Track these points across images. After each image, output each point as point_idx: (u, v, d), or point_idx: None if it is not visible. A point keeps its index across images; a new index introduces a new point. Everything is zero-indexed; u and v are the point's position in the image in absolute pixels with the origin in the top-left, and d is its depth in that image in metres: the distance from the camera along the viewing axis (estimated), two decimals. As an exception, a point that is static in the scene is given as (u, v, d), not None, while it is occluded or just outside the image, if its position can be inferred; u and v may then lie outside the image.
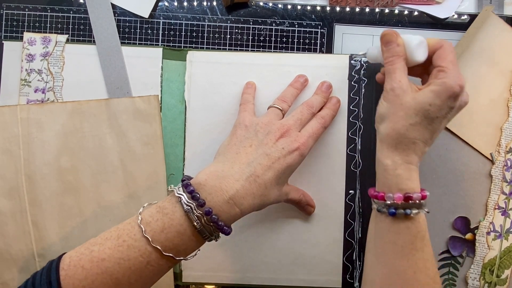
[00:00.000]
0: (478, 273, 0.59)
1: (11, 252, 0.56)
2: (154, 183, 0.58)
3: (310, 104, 0.55)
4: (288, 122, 0.52)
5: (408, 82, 0.48)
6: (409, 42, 0.49)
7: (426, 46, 0.49)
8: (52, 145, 0.57)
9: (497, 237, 0.59)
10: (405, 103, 0.47)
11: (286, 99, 0.56)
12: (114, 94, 0.59)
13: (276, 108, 0.54)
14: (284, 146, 0.49)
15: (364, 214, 0.59)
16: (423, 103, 0.46)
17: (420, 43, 0.49)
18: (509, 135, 0.59)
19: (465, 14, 0.62)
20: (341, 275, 0.59)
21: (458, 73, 0.47)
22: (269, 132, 0.50)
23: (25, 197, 0.57)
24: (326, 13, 0.62)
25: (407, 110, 0.46)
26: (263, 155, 0.48)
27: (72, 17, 0.60)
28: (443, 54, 0.48)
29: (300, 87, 0.58)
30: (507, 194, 0.59)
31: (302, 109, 0.54)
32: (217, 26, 0.61)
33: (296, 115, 0.53)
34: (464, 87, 0.46)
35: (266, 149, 0.49)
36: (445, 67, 0.47)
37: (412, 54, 0.49)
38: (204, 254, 0.58)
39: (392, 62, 0.49)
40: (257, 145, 0.50)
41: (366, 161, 0.59)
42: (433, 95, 0.46)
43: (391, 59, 0.49)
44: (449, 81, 0.46)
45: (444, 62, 0.47)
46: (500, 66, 0.59)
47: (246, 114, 0.54)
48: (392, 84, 0.48)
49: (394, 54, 0.49)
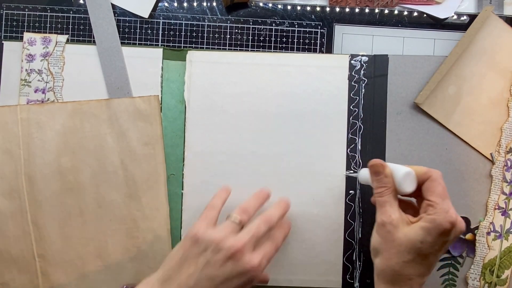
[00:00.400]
0: (478, 273, 0.59)
1: (11, 252, 0.56)
2: (154, 183, 0.58)
3: (268, 219, 0.50)
4: (243, 240, 0.47)
5: (399, 216, 0.47)
6: (396, 173, 0.48)
7: (413, 176, 0.48)
8: (52, 145, 0.57)
9: (497, 237, 0.59)
10: (397, 239, 0.46)
11: (247, 211, 0.51)
12: (114, 94, 0.59)
13: (233, 222, 0.49)
14: (233, 268, 0.45)
15: (364, 214, 0.59)
16: (415, 241, 0.45)
17: (407, 175, 0.48)
18: (509, 135, 0.59)
19: (464, 14, 0.62)
20: (341, 276, 0.59)
21: (448, 208, 0.46)
22: (219, 250, 0.46)
23: (25, 197, 0.57)
24: (326, 13, 0.62)
25: (399, 247, 0.45)
26: (205, 279, 0.45)
27: (72, 17, 0.60)
28: (431, 187, 0.47)
29: (263, 201, 0.55)
30: (507, 194, 0.59)
31: (259, 223, 0.49)
32: (217, 26, 0.61)
33: (252, 231, 0.48)
34: (455, 220, 0.45)
35: (211, 272, 0.45)
36: (434, 202, 0.46)
37: (400, 185, 0.48)
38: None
39: (381, 194, 0.48)
40: (203, 265, 0.46)
41: (366, 161, 0.59)
42: (424, 232, 0.45)
43: (380, 190, 0.49)
44: (439, 218, 0.45)
45: (433, 196, 0.46)
46: (500, 66, 0.59)
47: (202, 225, 0.49)
48: (383, 218, 0.47)
49: (382, 185, 0.48)
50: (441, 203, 0.46)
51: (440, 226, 0.45)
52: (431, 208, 0.46)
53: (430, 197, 0.47)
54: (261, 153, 0.59)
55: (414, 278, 0.46)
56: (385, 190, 0.48)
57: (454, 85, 0.59)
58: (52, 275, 0.57)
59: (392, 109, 0.60)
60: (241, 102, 0.59)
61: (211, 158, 0.59)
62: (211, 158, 0.59)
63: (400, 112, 0.60)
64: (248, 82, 0.59)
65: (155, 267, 0.57)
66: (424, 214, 0.46)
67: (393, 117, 0.60)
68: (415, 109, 0.60)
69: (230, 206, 0.59)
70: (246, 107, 0.59)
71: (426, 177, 0.48)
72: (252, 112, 0.59)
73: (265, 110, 0.59)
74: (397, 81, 0.60)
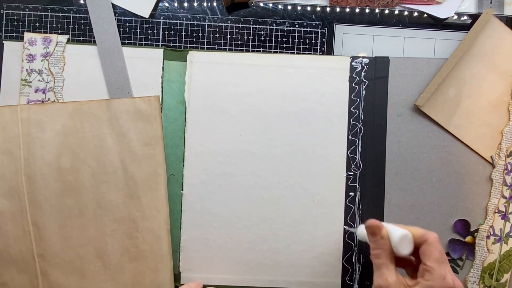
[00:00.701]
0: (478, 277, 0.59)
1: (10, 252, 0.57)
2: (154, 184, 0.58)
3: None
4: None
5: (396, 279, 0.46)
6: (392, 235, 0.48)
7: (410, 239, 0.48)
8: (52, 145, 0.57)
9: (497, 241, 0.59)
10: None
11: None
12: (114, 95, 0.59)
13: None
14: None
15: (364, 216, 0.59)
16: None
17: (403, 237, 0.47)
18: (510, 139, 0.59)
19: (465, 14, 0.62)
20: (341, 277, 0.59)
21: (445, 274, 0.45)
22: None
23: (25, 197, 0.57)
24: (326, 13, 0.61)
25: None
26: None
27: (73, 17, 0.60)
28: (428, 251, 0.46)
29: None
30: (507, 198, 0.59)
31: None
32: (217, 26, 0.61)
33: None
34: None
35: None
36: (431, 267, 0.45)
37: (396, 248, 0.47)
38: (203, 256, 0.59)
39: (377, 256, 0.48)
40: None
41: (366, 163, 0.59)
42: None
43: (376, 252, 0.48)
44: (435, 284, 0.44)
45: (429, 260, 0.46)
46: (501, 69, 0.59)
47: None
48: (379, 282, 0.46)
49: (379, 247, 0.48)
50: (438, 268, 0.45)
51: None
52: (428, 273, 0.45)
53: (427, 261, 0.46)
54: (261, 154, 0.59)
55: None
56: (381, 252, 0.48)
57: (455, 88, 0.59)
58: (52, 275, 0.57)
59: (392, 111, 0.59)
60: (242, 103, 0.59)
61: (211, 158, 0.59)
62: (211, 158, 0.59)
63: (400, 114, 0.60)
64: (248, 83, 0.59)
65: (154, 268, 0.57)
66: (421, 279, 0.46)
67: (394, 119, 0.59)
68: (415, 111, 0.59)
69: (229, 207, 0.59)
70: (247, 108, 0.59)
71: (423, 240, 0.47)
72: (253, 113, 0.59)
73: (266, 111, 0.59)
74: (397, 83, 0.60)
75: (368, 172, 0.59)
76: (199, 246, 0.59)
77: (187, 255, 0.59)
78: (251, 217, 0.59)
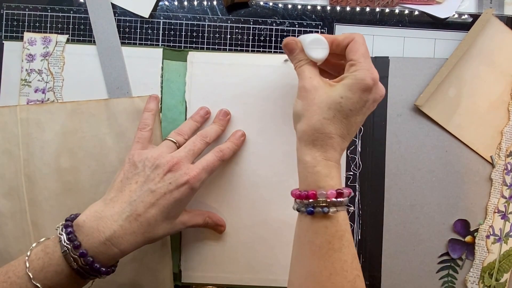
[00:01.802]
0: (477, 277, 0.59)
1: (10, 252, 0.57)
2: (153, 184, 0.58)
3: (203, 134, 0.54)
4: (179, 154, 0.51)
5: (319, 79, 0.47)
6: (303, 41, 0.49)
7: (324, 43, 0.48)
8: (52, 145, 0.57)
9: (497, 241, 0.59)
10: (318, 97, 0.46)
11: (182, 132, 0.55)
12: (114, 94, 0.59)
13: (170, 140, 0.53)
14: (172, 180, 0.49)
15: (364, 215, 0.59)
16: (335, 97, 0.45)
17: (314, 41, 0.48)
18: (510, 139, 0.59)
19: (465, 14, 0.61)
20: (340, 277, 0.59)
21: (370, 66, 0.46)
22: (157, 167, 0.49)
23: (25, 197, 0.57)
24: (327, 13, 0.61)
25: (320, 104, 0.45)
26: (147, 192, 0.48)
27: (73, 17, 0.60)
28: (354, 48, 0.47)
29: (200, 120, 0.58)
30: (507, 197, 0.59)
31: (195, 139, 0.53)
32: (218, 26, 0.61)
33: (188, 146, 0.52)
34: (377, 79, 0.46)
35: (151, 186, 0.48)
36: (356, 61, 0.46)
37: (308, 53, 0.48)
38: (204, 255, 0.59)
39: (298, 65, 0.49)
40: (143, 182, 0.49)
41: (366, 163, 0.59)
42: (345, 88, 0.45)
43: (297, 63, 0.50)
44: (360, 74, 0.45)
45: (356, 55, 0.46)
46: (500, 69, 0.59)
47: (138, 147, 0.52)
48: (303, 83, 0.47)
49: (299, 59, 0.49)
50: (363, 61, 0.46)
51: (362, 81, 0.45)
52: (354, 66, 0.46)
53: (353, 56, 0.46)
54: (261, 154, 0.59)
55: (335, 137, 0.45)
56: (302, 61, 0.49)
57: (455, 88, 0.59)
58: (52, 275, 0.57)
59: (392, 111, 0.59)
60: (242, 103, 0.59)
61: (210, 158, 0.59)
62: (211, 158, 0.59)
63: (400, 114, 0.59)
64: (248, 84, 0.59)
65: (154, 267, 0.57)
66: (346, 73, 0.46)
67: (393, 119, 0.59)
68: (415, 111, 0.59)
69: (229, 206, 0.59)
70: (247, 108, 0.59)
71: (350, 39, 0.48)
72: (253, 113, 0.59)
73: (266, 111, 0.59)
74: (397, 83, 0.60)
75: (368, 172, 0.59)
76: (199, 244, 0.59)
77: (187, 254, 0.59)
78: (251, 217, 0.59)
